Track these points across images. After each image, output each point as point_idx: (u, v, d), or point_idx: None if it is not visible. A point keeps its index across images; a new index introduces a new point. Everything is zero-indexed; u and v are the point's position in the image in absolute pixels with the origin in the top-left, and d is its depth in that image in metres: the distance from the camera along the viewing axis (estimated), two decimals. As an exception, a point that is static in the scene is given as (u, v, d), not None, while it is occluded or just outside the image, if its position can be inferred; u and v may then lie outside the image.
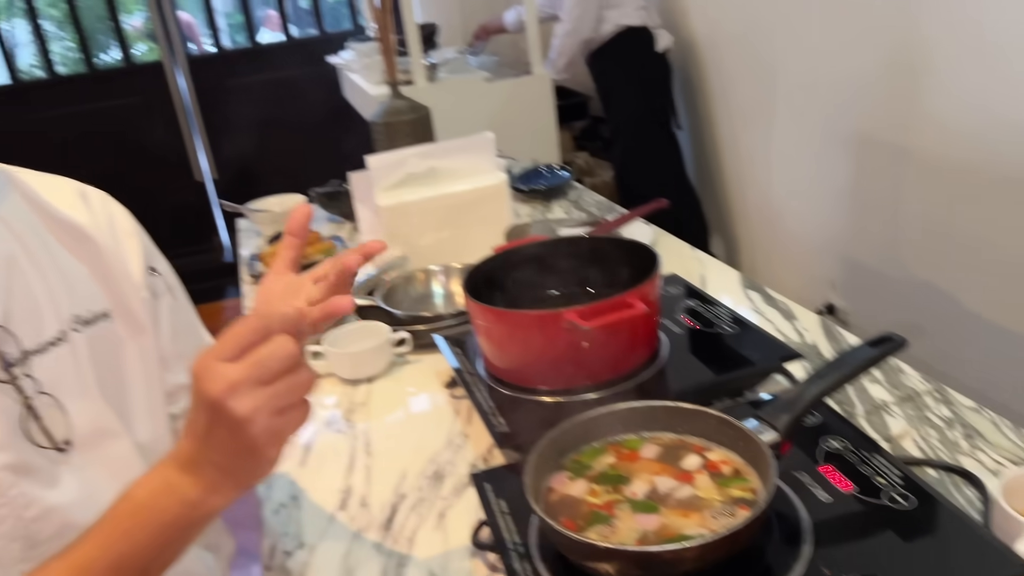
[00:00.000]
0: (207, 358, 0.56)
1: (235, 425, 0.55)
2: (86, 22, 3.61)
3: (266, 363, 0.56)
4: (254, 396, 0.55)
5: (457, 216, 1.52)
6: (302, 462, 1.04)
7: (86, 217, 0.80)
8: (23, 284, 0.70)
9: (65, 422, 0.70)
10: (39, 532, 0.67)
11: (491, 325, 1.03)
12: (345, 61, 3.55)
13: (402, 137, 1.91)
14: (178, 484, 0.59)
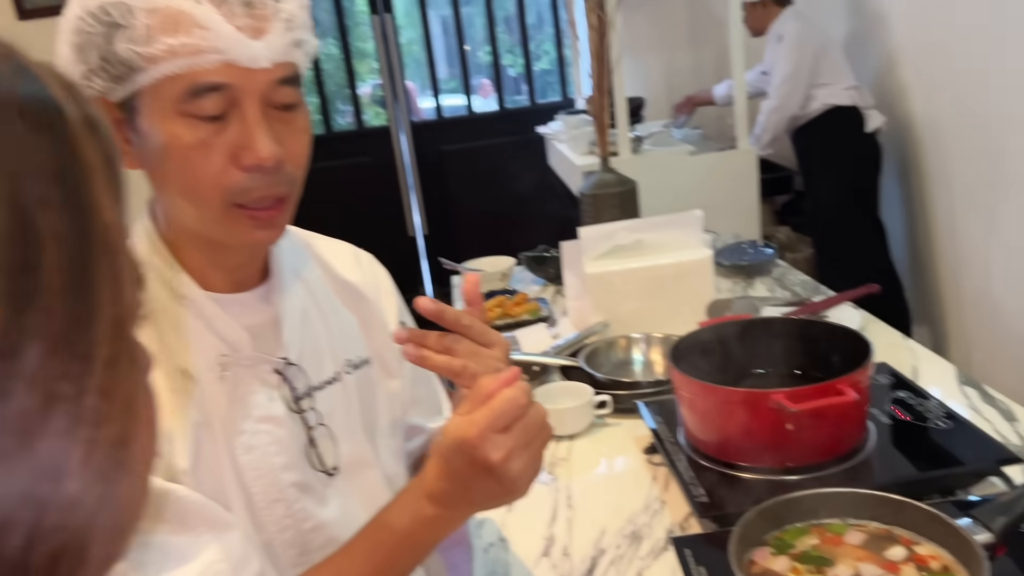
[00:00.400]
0: (485, 429, 0.65)
1: (507, 480, 0.66)
2: (328, 89, 4.05)
3: (530, 430, 0.67)
4: (522, 458, 0.66)
5: (660, 288, 1.58)
6: (509, 508, 1.12)
7: (358, 276, 0.94)
8: (311, 332, 0.84)
9: (335, 451, 0.82)
10: (311, 542, 0.79)
11: (697, 397, 1.07)
12: (553, 131, 3.74)
13: (609, 209, 2.00)
14: (435, 518, 0.70)
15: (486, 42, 4.14)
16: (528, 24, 4.17)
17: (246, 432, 0.76)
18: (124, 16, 0.66)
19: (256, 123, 0.69)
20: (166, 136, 0.68)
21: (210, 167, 0.69)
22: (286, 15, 0.70)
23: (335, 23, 3.86)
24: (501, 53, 4.18)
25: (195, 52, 0.66)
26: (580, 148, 3.23)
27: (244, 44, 0.67)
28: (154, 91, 0.68)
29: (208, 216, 0.72)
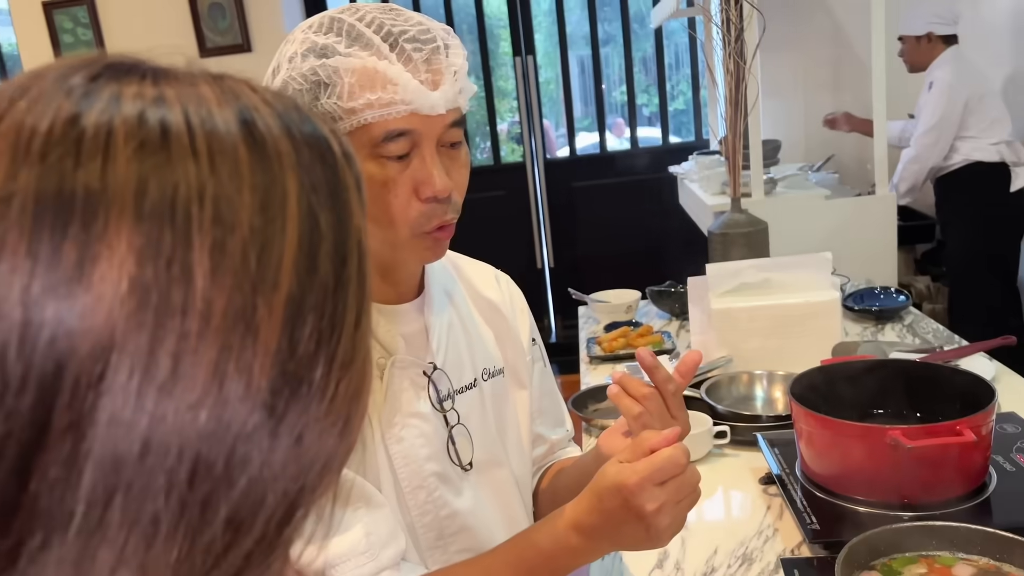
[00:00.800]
0: (645, 480, 0.73)
1: (653, 530, 0.74)
2: (469, 126, 4.26)
3: (683, 489, 0.74)
4: (671, 513, 0.74)
5: (786, 327, 1.61)
6: (625, 523, 1.18)
7: (497, 295, 1.04)
8: (455, 342, 0.95)
9: (470, 449, 0.92)
10: (446, 528, 0.89)
11: (814, 431, 1.11)
12: (685, 171, 3.78)
13: (737, 248, 2.04)
14: (578, 548, 0.78)
15: (622, 82, 4.24)
16: (665, 64, 4.24)
17: (397, 425, 0.87)
18: (330, 76, 0.79)
19: (433, 161, 0.81)
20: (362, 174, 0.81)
21: (397, 200, 0.81)
22: (455, 68, 0.82)
23: (480, 64, 4.07)
24: (637, 93, 4.27)
25: (387, 104, 0.78)
26: (712, 188, 3.26)
27: (425, 95, 0.79)
28: (352, 137, 0.80)
29: (395, 240, 0.84)
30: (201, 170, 0.33)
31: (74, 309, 0.31)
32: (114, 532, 0.32)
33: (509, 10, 3.93)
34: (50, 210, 0.31)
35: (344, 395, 0.38)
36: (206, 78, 0.37)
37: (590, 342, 1.95)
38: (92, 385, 0.31)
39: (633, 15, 4.51)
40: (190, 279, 0.32)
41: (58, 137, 0.32)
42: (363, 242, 0.39)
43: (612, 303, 2.17)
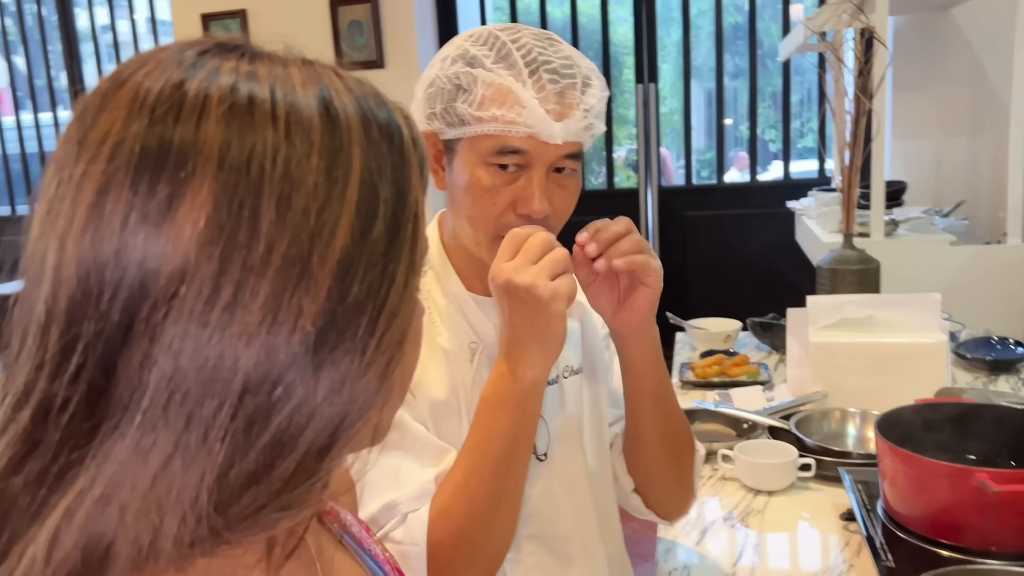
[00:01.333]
0: (496, 265, 0.83)
1: (522, 292, 0.81)
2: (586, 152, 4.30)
3: (530, 249, 0.81)
4: (529, 271, 0.81)
5: (887, 367, 1.57)
6: (697, 541, 1.19)
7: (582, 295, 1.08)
8: None
9: (548, 440, 0.96)
10: None
11: (899, 468, 1.08)
12: (803, 207, 3.70)
13: (846, 285, 2.00)
14: (504, 370, 0.85)
15: (748, 116, 4.19)
16: (794, 100, 4.17)
17: None
18: (469, 84, 0.87)
19: (538, 184, 0.87)
20: (470, 176, 0.88)
21: (494, 208, 0.89)
22: (586, 106, 0.88)
23: (602, 89, 4.12)
24: (763, 128, 4.21)
25: (510, 122, 0.85)
26: (829, 225, 3.18)
27: (548, 124, 0.85)
28: (472, 141, 0.88)
29: (482, 240, 0.91)
30: (278, 135, 0.39)
31: (160, 237, 0.38)
32: (171, 428, 0.38)
33: (635, 38, 3.97)
34: (152, 156, 0.38)
35: (388, 343, 0.43)
36: (297, 62, 0.44)
37: (683, 367, 1.95)
38: (167, 300, 0.38)
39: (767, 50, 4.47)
40: (256, 223, 0.38)
41: (165, 97, 0.39)
42: (419, 215, 0.45)
43: (710, 331, 2.16)
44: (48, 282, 0.39)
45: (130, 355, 0.38)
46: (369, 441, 0.49)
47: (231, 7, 3.93)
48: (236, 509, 0.41)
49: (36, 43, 4.87)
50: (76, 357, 0.38)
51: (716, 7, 3.91)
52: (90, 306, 0.38)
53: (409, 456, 0.88)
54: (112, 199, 0.38)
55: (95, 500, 0.38)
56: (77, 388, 0.38)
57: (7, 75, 5.07)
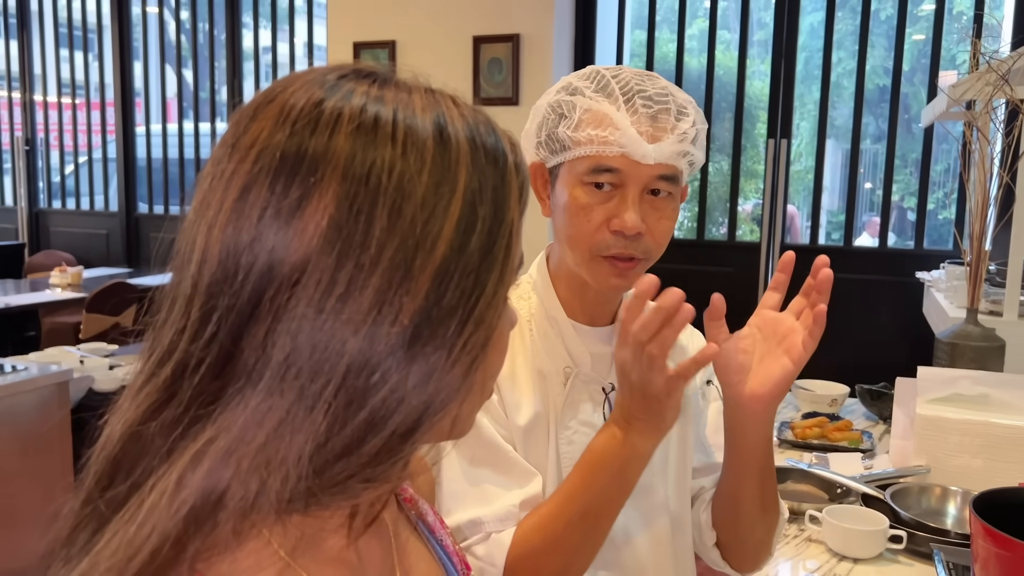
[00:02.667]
0: (617, 348, 0.84)
1: (637, 388, 0.83)
2: (710, 201, 4.28)
3: (641, 332, 0.82)
4: (641, 364, 0.82)
5: (997, 448, 1.50)
6: (771, 596, 1.17)
7: (687, 342, 1.11)
8: None
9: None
10: None
11: (992, 550, 1.04)
12: (933, 279, 3.55)
13: (965, 362, 1.92)
14: (616, 432, 0.86)
15: (892, 180, 4.07)
16: (938, 169, 4.03)
17: (570, 429, 0.96)
18: (569, 111, 0.94)
19: (631, 202, 0.92)
20: (569, 197, 0.94)
21: (589, 225, 0.93)
22: (680, 131, 0.93)
23: (731, 141, 4.10)
24: (902, 195, 4.08)
25: (604, 142, 0.91)
26: (957, 300, 3.04)
27: (640, 145, 0.90)
28: (571, 164, 0.94)
29: (579, 260, 0.96)
30: (395, 152, 0.46)
31: (289, 231, 0.44)
32: (286, 397, 0.45)
33: (771, 93, 3.94)
34: (289, 161, 0.45)
35: (473, 344, 0.48)
36: (420, 90, 0.50)
37: (783, 426, 1.92)
38: (290, 287, 0.44)
39: (914, 115, 4.33)
40: (371, 227, 0.44)
41: (305, 113, 0.46)
42: (513, 233, 0.50)
43: (817, 393, 2.11)
44: (196, 261, 0.46)
45: (256, 330, 0.45)
46: (448, 433, 0.54)
47: (382, 37, 4.17)
48: (329, 475, 0.46)
49: (204, 59, 5.31)
50: (211, 326, 0.45)
51: (859, 68, 3.84)
52: (227, 283, 0.45)
53: (497, 474, 0.92)
54: (253, 195, 0.45)
55: (218, 451, 0.45)
56: (209, 352, 0.45)
57: (176, 86, 5.53)
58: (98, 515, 0.47)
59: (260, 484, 0.45)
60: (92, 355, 3.06)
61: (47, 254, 5.55)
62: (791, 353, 0.90)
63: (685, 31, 4.04)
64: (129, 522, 0.45)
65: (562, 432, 0.96)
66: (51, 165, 6.11)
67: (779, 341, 0.91)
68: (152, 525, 0.44)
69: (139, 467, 0.47)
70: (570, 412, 0.97)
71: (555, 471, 0.96)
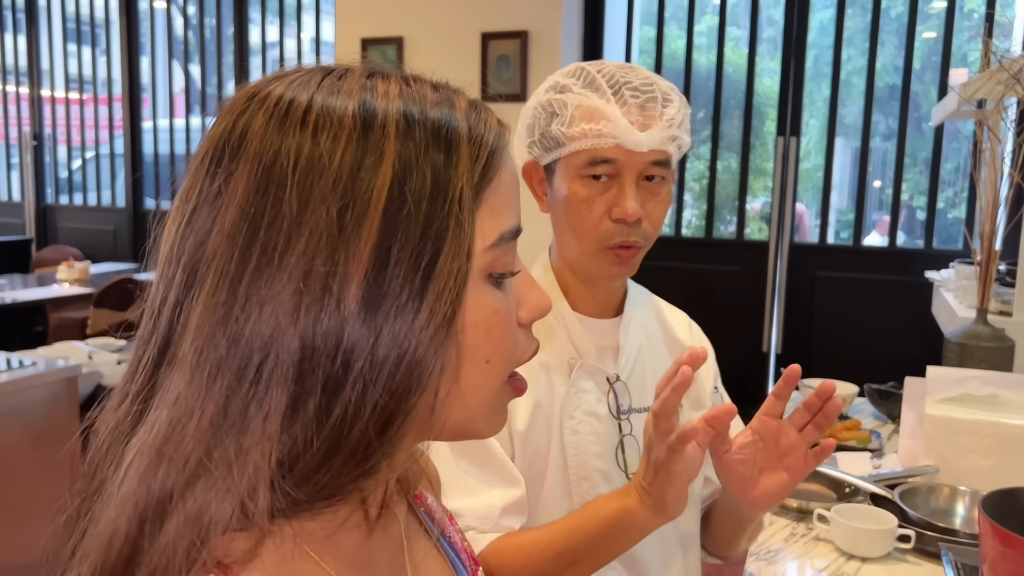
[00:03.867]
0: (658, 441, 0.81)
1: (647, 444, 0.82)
2: (718, 199, 4.27)
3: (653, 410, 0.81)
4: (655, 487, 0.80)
5: (1007, 449, 1.49)
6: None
7: (688, 339, 1.11)
8: (641, 366, 1.04)
9: (638, 461, 0.99)
10: None
11: (1000, 550, 1.04)
12: (942, 279, 3.54)
13: (974, 362, 1.91)
14: (624, 494, 0.85)
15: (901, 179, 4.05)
16: (949, 168, 4.01)
17: (574, 419, 0.98)
18: (560, 108, 0.96)
19: (630, 190, 0.94)
20: (568, 191, 0.95)
21: (592, 216, 0.95)
22: (668, 118, 0.95)
23: (740, 139, 4.08)
24: (913, 195, 4.06)
25: (599, 135, 0.93)
26: (967, 300, 3.03)
27: (633, 134, 0.93)
28: (567, 159, 0.96)
29: (585, 251, 0.97)
30: (304, 134, 0.46)
31: (211, 214, 0.46)
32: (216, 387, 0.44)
33: (781, 90, 3.93)
34: (219, 148, 0.47)
35: (439, 322, 0.47)
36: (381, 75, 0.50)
37: (791, 424, 1.91)
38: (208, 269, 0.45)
39: (924, 114, 4.31)
40: (279, 206, 0.45)
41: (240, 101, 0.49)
42: (464, 204, 0.48)
43: (824, 392, 2.10)
44: (159, 261, 0.48)
45: (185, 318, 0.46)
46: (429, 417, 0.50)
47: (390, 33, 4.17)
48: (318, 477, 0.45)
49: (212, 54, 5.31)
50: (155, 318, 0.47)
51: (869, 66, 3.82)
52: (168, 272, 0.47)
53: (481, 470, 0.93)
54: (192, 183, 0.48)
55: (151, 445, 0.44)
56: (151, 344, 0.47)
57: (183, 81, 5.55)
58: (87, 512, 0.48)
59: (224, 487, 0.44)
60: (100, 350, 3.07)
61: (54, 249, 5.56)
62: (792, 470, 0.89)
63: (694, 27, 4.02)
64: (92, 528, 0.46)
65: (566, 422, 0.98)
66: (58, 160, 6.13)
67: (780, 456, 0.90)
68: (109, 522, 0.45)
69: (101, 470, 0.48)
70: (574, 402, 0.99)
71: (559, 461, 0.97)
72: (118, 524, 0.45)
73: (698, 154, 4.36)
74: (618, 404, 1.01)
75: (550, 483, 0.97)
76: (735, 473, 0.90)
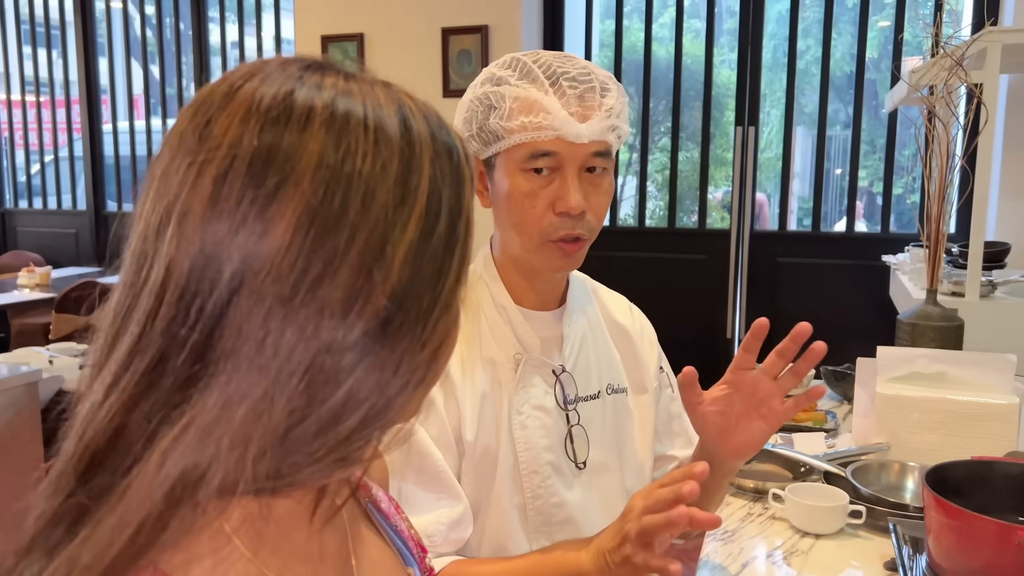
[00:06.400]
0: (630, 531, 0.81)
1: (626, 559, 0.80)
2: (680, 189, 4.32)
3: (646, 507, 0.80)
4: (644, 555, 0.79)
5: (954, 424, 1.54)
6: (736, 574, 1.20)
7: (628, 321, 1.13)
8: (585, 354, 1.05)
9: (586, 450, 1.01)
10: (553, 516, 0.98)
11: (943, 520, 1.08)
12: (898, 262, 3.62)
13: (925, 341, 1.96)
14: (584, 559, 0.85)
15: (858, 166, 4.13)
16: (906, 154, 4.09)
17: (523, 413, 0.98)
18: (498, 101, 0.95)
19: (573, 183, 0.94)
20: (510, 185, 0.95)
21: (535, 210, 0.95)
22: (607, 107, 0.95)
23: (700, 129, 4.13)
24: (873, 181, 4.13)
25: (539, 128, 0.93)
26: (921, 282, 3.09)
27: (573, 125, 0.92)
28: (507, 153, 0.95)
29: (529, 245, 0.97)
30: (368, 141, 0.47)
31: (265, 219, 0.45)
32: (263, 378, 0.45)
33: (739, 81, 3.98)
34: (264, 152, 0.46)
35: (442, 328, 0.50)
36: (379, 84, 0.52)
37: (750, 408, 1.95)
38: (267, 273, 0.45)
39: (880, 102, 4.38)
40: (344, 212, 0.46)
41: (277, 104, 0.47)
42: (470, 219, 0.52)
43: (783, 376, 2.15)
44: (166, 251, 0.47)
45: (234, 315, 0.45)
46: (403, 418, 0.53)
47: (350, 31, 4.15)
48: (305, 453, 0.47)
49: (171, 54, 5.25)
50: (193, 313, 0.46)
51: (824, 55, 3.89)
52: (206, 271, 0.46)
53: (424, 484, 0.92)
54: (228, 186, 0.46)
55: (198, 430, 0.46)
56: (190, 339, 0.46)
57: (143, 82, 5.48)
58: (79, 507, 0.47)
59: (238, 460, 0.45)
60: (61, 355, 3.04)
61: (14, 255, 5.47)
62: (768, 418, 0.92)
63: (653, 21, 4.06)
64: (115, 508, 0.46)
65: (515, 417, 0.98)
66: (16, 165, 6.03)
67: (756, 405, 0.92)
68: (137, 505, 0.45)
69: (123, 456, 0.47)
70: (522, 396, 0.99)
71: (509, 456, 0.98)
72: (149, 508, 0.45)
73: (660, 145, 4.40)
74: (564, 395, 1.02)
75: (500, 479, 0.97)
76: (711, 425, 0.92)
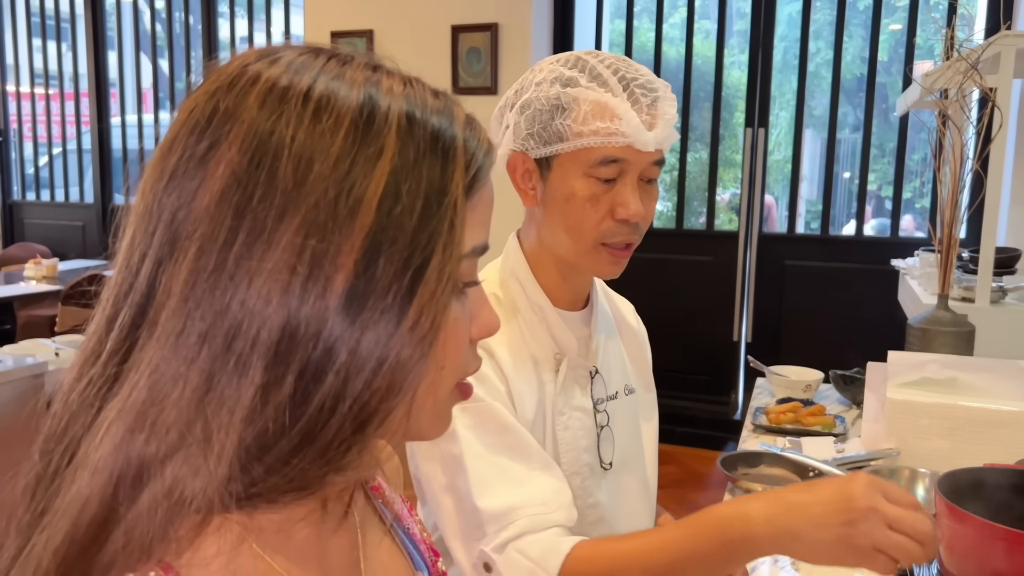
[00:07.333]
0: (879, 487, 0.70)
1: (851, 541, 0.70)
2: (688, 190, 4.30)
3: (906, 520, 0.70)
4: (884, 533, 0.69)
5: (967, 431, 1.52)
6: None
7: (635, 324, 1.14)
8: (607, 354, 1.06)
9: (613, 450, 1.01)
10: (587, 516, 0.98)
11: (955, 527, 1.06)
12: (908, 266, 3.59)
13: (936, 347, 1.94)
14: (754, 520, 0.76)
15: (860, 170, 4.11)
16: (917, 158, 4.07)
17: (566, 415, 0.98)
18: (568, 103, 0.92)
19: (633, 189, 0.93)
20: (571, 188, 0.93)
21: (595, 215, 0.93)
22: (668, 116, 0.94)
23: (710, 130, 4.11)
24: (881, 184, 4.11)
25: (611, 134, 0.91)
26: (931, 287, 3.07)
27: (642, 132, 0.91)
28: (572, 155, 0.93)
29: (580, 249, 0.95)
30: (305, 112, 0.45)
31: (195, 180, 0.45)
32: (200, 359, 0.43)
33: (748, 82, 3.96)
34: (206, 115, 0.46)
35: (423, 324, 0.46)
36: (384, 71, 0.50)
37: (758, 411, 1.94)
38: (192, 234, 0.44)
39: (891, 106, 4.36)
40: (273, 180, 0.44)
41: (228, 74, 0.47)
42: (458, 211, 0.49)
43: (791, 378, 2.13)
44: (131, 219, 0.48)
45: (165, 280, 0.45)
46: (407, 429, 0.51)
47: (359, 27, 4.15)
48: (288, 467, 0.45)
49: (180, 49, 5.25)
50: (132, 276, 0.46)
51: (836, 58, 3.87)
52: (146, 231, 0.46)
53: (516, 458, 0.88)
54: (174, 148, 0.47)
55: (131, 409, 0.44)
56: (127, 303, 0.46)
57: (152, 76, 5.48)
58: (45, 489, 0.46)
59: (198, 463, 0.43)
60: (67, 347, 3.04)
61: (21, 246, 5.48)
62: None
63: (664, 21, 4.04)
64: (65, 490, 0.45)
65: (558, 419, 0.97)
66: (25, 157, 6.04)
67: None
68: (83, 486, 0.44)
69: (72, 430, 0.46)
70: (564, 398, 0.99)
71: (553, 456, 0.97)
72: (92, 489, 0.44)
73: (669, 146, 4.39)
74: (595, 396, 1.02)
75: None
76: None
